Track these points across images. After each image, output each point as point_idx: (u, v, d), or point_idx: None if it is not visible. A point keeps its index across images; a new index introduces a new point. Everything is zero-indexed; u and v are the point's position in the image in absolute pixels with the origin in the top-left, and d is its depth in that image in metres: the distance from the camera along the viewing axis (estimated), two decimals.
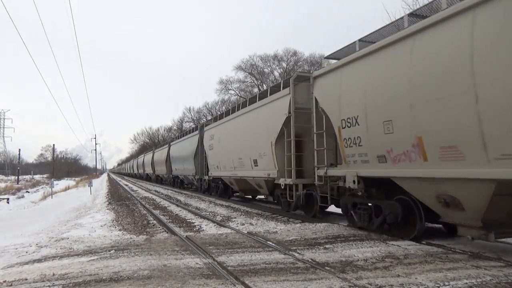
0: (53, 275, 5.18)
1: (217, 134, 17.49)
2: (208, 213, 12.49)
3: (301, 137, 10.63)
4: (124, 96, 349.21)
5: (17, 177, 65.80)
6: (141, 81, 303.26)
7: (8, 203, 25.32)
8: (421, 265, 5.33)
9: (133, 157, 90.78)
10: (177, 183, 30.16)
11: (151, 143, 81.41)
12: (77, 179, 68.93)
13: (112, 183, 44.76)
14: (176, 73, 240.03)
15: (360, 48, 8.03)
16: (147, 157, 47.53)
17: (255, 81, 51.08)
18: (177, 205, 15.52)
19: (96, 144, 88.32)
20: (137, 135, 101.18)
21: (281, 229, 8.66)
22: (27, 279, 5.03)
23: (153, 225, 10.18)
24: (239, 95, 50.59)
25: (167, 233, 8.81)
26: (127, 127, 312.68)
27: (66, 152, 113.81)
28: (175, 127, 74.05)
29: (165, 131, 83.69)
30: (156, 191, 26.25)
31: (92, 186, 28.57)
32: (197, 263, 5.63)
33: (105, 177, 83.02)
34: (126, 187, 34.07)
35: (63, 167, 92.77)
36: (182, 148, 26.13)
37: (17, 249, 7.26)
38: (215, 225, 9.71)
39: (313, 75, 9.67)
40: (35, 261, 6.15)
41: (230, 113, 16.18)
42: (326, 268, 5.26)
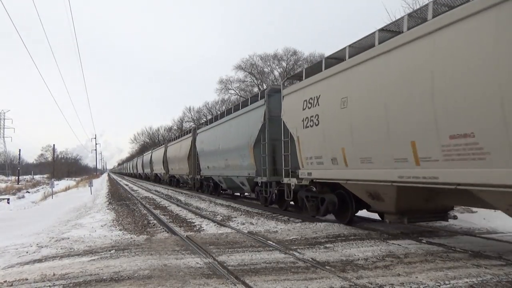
0: (54, 275, 5.19)
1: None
2: (208, 213, 12.49)
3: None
4: (124, 96, 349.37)
5: (17, 177, 65.82)
6: (141, 80, 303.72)
7: (8, 203, 25.29)
8: (421, 264, 5.33)
9: (133, 157, 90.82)
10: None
11: (151, 143, 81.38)
12: (77, 179, 68.96)
13: (112, 183, 44.78)
14: (176, 72, 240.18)
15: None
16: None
17: (255, 81, 51.07)
18: (178, 205, 15.53)
19: (96, 144, 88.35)
20: (137, 135, 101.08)
21: (281, 228, 8.67)
22: (27, 279, 5.03)
23: (154, 225, 10.18)
24: (239, 94, 50.58)
25: (168, 232, 8.81)
26: (127, 127, 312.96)
27: (66, 152, 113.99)
28: (175, 127, 74.06)
29: (165, 131, 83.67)
30: (156, 191, 26.25)
31: (92, 186, 28.58)
32: (197, 263, 5.63)
33: (105, 177, 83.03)
34: (126, 187, 34.08)
35: (63, 167, 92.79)
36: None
37: (17, 249, 7.27)
38: (215, 225, 9.72)
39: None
40: (35, 261, 6.15)
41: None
42: (326, 267, 5.26)
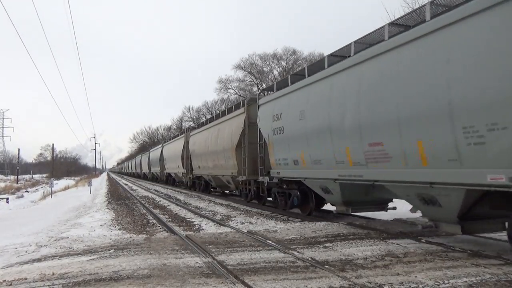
0: (53, 274, 5.19)
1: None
2: (207, 212, 12.49)
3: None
4: (124, 95, 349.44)
5: (16, 177, 65.74)
6: (141, 80, 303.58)
7: (7, 202, 25.28)
8: (420, 264, 5.33)
9: (132, 156, 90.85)
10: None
11: (150, 143, 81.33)
12: (76, 178, 68.93)
13: (111, 183, 44.75)
14: (175, 72, 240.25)
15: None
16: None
17: (255, 80, 51.04)
18: (177, 204, 15.53)
19: (95, 143, 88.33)
20: (136, 135, 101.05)
21: (280, 228, 8.67)
22: (26, 279, 5.03)
23: (153, 224, 10.18)
24: (239, 94, 50.55)
25: (167, 232, 8.81)
26: (127, 126, 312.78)
27: (65, 151, 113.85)
28: (174, 126, 73.99)
29: (164, 130, 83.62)
30: (155, 190, 26.24)
31: (91, 185, 28.57)
32: (197, 262, 5.63)
33: (104, 176, 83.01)
34: (125, 187, 34.07)
35: (62, 167, 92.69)
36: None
37: (16, 248, 7.27)
38: (214, 224, 9.72)
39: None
40: (34, 261, 6.15)
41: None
42: (325, 266, 5.26)
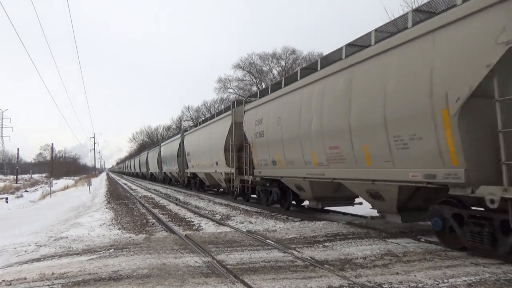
0: (52, 274, 5.18)
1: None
2: (207, 212, 12.49)
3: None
4: (124, 95, 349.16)
5: (16, 177, 65.68)
6: (141, 80, 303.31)
7: (7, 202, 25.25)
8: (420, 263, 5.34)
9: (132, 156, 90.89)
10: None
11: (150, 142, 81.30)
12: (76, 178, 68.87)
13: (111, 182, 44.73)
14: (175, 72, 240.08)
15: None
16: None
17: (254, 80, 51.04)
18: (176, 204, 15.53)
19: (95, 143, 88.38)
20: (135, 134, 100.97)
21: (280, 227, 8.67)
22: (26, 279, 5.03)
23: (152, 224, 10.18)
24: (238, 93, 50.53)
25: (166, 231, 8.81)
26: (127, 126, 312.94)
27: (65, 151, 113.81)
28: (174, 126, 73.92)
29: (164, 130, 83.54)
30: (155, 190, 26.23)
31: (91, 185, 28.55)
32: (196, 262, 5.63)
33: (104, 176, 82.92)
34: (125, 186, 34.05)
35: (62, 167, 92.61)
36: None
37: (16, 248, 7.26)
38: (214, 224, 9.72)
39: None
40: (34, 261, 6.14)
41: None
42: (325, 266, 5.27)
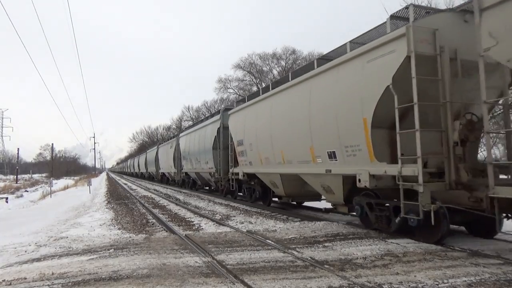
0: (52, 274, 5.18)
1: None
2: (207, 212, 12.49)
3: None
4: (124, 95, 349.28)
5: (16, 177, 65.68)
6: (141, 80, 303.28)
7: (7, 202, 25.22)
8: (420, 263, 5.34)
9: (132, 156, 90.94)
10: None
11: (150, 142, 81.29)
12: (76, 178, 68.84)
13: (111, 182, 44.72)
14: (175, 72, 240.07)
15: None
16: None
17: (254, 80, 51.04)
18: (176, 204, 15.52)
19: (95, 143, 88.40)
20: (136, 134, 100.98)
21: (280, 227, 8.67)
22: (26, 278, 5.03)
23: (152, 224, 10.17)
24: (238, 93, 50.53)
25: (166, 231, 8.80)
26: (128, 125, 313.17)
27: (65, 151, 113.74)
28: (174, 126, 73.90)
29: (164, 130, 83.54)
30: (155, 190, 26.23)
31: (91, 185, 28.53)
32: (196, 262, 5.63)
33: (104, 176, 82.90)
34: (125, 186, 34.04)
35: (62, 167, 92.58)
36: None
37: (16, 248, 7.26)
38: (214, 224, 9.71)
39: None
40: (34, 260, 6.14)
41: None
42: (325, 266, 5.27)
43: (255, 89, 46.51)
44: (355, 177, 7.72)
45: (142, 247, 6.83)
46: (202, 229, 9.11)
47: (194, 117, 64.31)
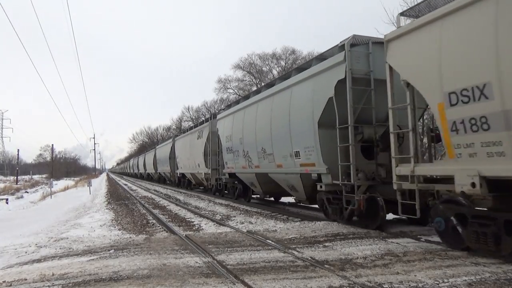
0: (53, 275, 5.18)
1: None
2: (207, 212, 12.49)
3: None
4: (124, 95, 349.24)
5: (16, 177, 65.67)
6: (141, 80, 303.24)
7: (7, 203, 25.19)
8: (420, 263, 5.34)
9: (132, 156, 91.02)
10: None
11: (150, 143, 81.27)
12: (76, 179, 68.81)
13: (111, 183, 44.72)
14: (175, 72, 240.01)
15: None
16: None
17: (254, 80, 51.05)
18: (177, 204, 15.53)
19: (95, 144, 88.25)
20: (136, 135, 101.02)
21: (280, 227, 8.67)
22: (26, 279, 5.03)
23: (153, 225, 10.18)
24: (238, 93, 50.54)
25: (167, 232, 8.81)
26: (129, 126, 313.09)
27: (65, 152, 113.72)
28: (174, 127, 73.89)
29: (164, 130, 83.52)
30: (155, 190, 26.23)
31: (91, 186, 28.53)
32: (196, 262, 5.63)
33: (104, 176, 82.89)
34: (125, 187, 34.04)
35: (62, 167, 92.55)
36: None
37: (16, 249, 7.26)
38: (214, 224, 9.72)
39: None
40: (34, 261, 6.14)
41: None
42: (325, 266, 5.27)
43: (254, 89, 46.57)
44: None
45: (142, 247, 6.83)
46: (202, 229, 9.11)
47: (194, 117, 64.37)
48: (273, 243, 6.91)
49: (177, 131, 61.72)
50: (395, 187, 7.02)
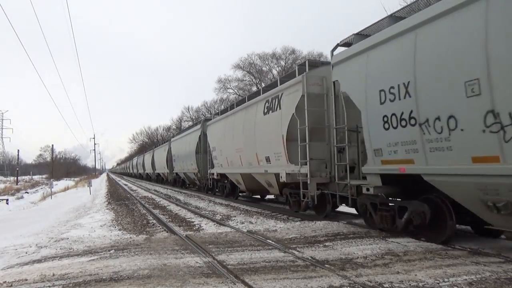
0: (53, 275, 5.19)
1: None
2: (207, 212, 12.49)
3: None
4: (124, 95, 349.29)
5: (16, 178, 65.69)
6: (141, 80, 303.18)
7: (7, 203, 25.21)
8: (420, 262, 5.34)
9: (132, 157, 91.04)
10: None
11: (150, 143, 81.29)
12: (76, 179, 68.83)
13: (111, 183, 44.73)
14: (175, 72, 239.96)
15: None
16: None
17: (254, 80, 51.08)
18: (177, 204, 15.53)
19: (95, 144, 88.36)
20: (136, 135, 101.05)
21: (280, 227, 8.67)
22: (27, 280, 5.03)
23: (153, 225, 10.18)
24: (238, 93, 50.57)
25: (167, 232, 8.81)
26: (129, 126, 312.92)
27: (65, 152, 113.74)
28: (174, 127, 73.93)
29: (164, 130, 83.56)
30: (155, 190, 26.23)
31: (91, 186, 28.54)
32: (197, 262, 5.63)
33: (104, 177, 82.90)
34: (125, 187, 34.04)
35: (62, 168, 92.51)
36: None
37: (16, 249, 7.26)
38: (214, 224, 9.72)
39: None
40: (35, 262, 6.15)
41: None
42: (326, 265, 5.27)
43: (254, 89, 46.56)
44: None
45: (142, 247, 6.84)
46: (202, 229, 9.11)
47: (194, 117, 64.44)
48: (273, 243, 6.91)
49: (177, 131, 61.76)
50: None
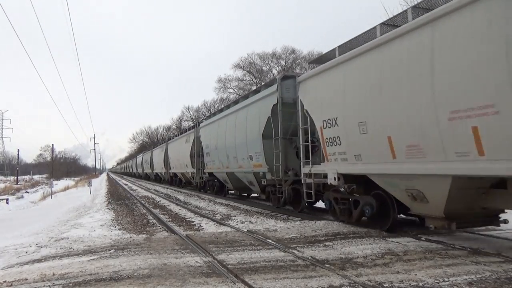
0: (53, 275, 5.19)
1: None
2: (207, 212, 12.49)
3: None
4: (124, 95, 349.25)
5: (16, 178, 65.69)
6: (141, 80, 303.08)
7: (7, 203, 25.20)
8: (420, 262, 5.34)
9: (132, 156, 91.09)
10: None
11: (150, 143, 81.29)
12: (76, 179, 68.83)
13: (111, 183, 44.73)
14: (175, 72, 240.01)
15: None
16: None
17: (254, 79, 51.06)
18: (177, 204, 15.52)
19: (95, 144, 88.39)
20: (136, 135, 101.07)
21: (280, 227, 8.67)
22: (27, 279, 5.03)
23: (153, 224, 10.18)
24: (238, 93, 50.54)
25: (167, 232, 8.81)
26: (130, 126, 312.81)
27: (65, 152, 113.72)
28: (174, 126, 73.95)
29: (164, 130, 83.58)
30: (155, 190, 26.23)
31: (91, 186, 28.54)
32: (197, 262, 5.64)
33: (104, 176, 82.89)
34: (125, 187, 34.04)
35: (62, 167, 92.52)
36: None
37: (17, 249, 7.26)
38: (214, 224, 9.72)
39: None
40: (35, 261, 6.15)
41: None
42: (326, 265, 5.27)
43: (254, 88, 46.58)
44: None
45: (142, 247, 6.84)
46: (202, 229, 9.11)
47: (194, 117, 64.38)
48: (273, 242, 6.91)
49: (177, 130, 61.78)
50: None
